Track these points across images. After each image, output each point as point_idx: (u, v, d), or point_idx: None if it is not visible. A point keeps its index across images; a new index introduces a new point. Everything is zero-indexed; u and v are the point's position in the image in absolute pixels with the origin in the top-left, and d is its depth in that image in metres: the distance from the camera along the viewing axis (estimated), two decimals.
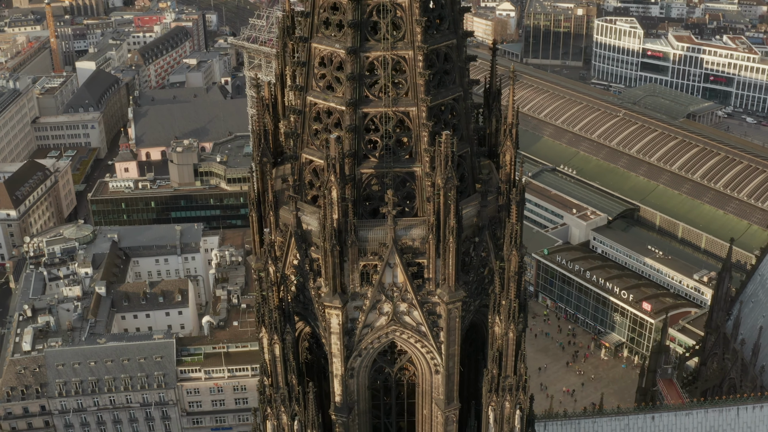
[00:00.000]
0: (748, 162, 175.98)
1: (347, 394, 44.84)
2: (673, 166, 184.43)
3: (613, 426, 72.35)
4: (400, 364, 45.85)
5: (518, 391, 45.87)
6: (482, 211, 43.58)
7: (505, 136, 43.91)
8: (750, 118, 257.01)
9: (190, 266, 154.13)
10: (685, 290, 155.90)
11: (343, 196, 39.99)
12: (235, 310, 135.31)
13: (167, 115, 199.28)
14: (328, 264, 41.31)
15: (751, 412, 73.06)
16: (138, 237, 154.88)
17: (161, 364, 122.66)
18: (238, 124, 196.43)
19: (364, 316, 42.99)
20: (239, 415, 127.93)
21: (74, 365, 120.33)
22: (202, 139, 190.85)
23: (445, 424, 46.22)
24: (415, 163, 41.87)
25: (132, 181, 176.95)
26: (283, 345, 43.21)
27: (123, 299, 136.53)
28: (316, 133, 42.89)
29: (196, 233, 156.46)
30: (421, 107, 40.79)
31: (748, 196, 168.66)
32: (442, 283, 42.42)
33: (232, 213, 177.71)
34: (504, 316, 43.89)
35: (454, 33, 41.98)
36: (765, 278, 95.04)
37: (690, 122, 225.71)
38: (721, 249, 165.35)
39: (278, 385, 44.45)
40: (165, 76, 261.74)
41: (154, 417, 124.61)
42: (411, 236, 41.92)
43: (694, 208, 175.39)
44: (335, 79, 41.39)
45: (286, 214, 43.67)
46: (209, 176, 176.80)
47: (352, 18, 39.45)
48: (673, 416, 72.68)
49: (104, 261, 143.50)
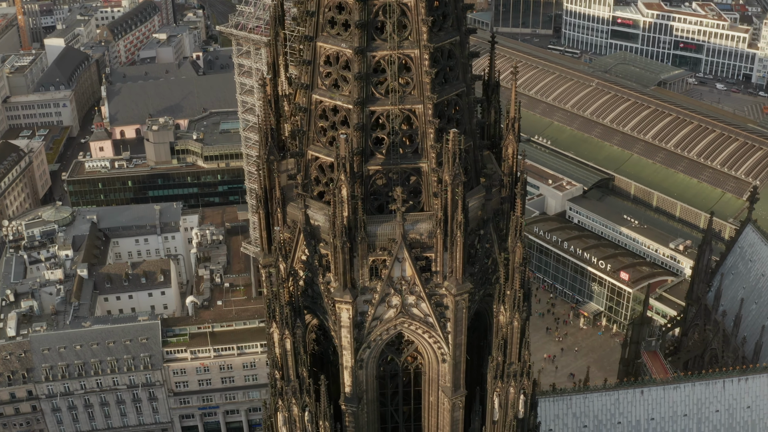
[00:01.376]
0: (721, 130, 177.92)
1: (357, 384, 45.77)
2: (647, 135, 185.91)
3: (604, 401, 74.16)
4: (407, 353, 46.83)
5: (522, 376, 47.07)
6: (487, 205, 44.46)
7: (508, 130, 44.72)
8: (720, 85, 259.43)
9: (170, 245, 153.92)
10: (662, 259, 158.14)
11: (353, 194, 40.59)
12: (218, 290, 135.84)
13: (140, 92, 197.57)
14: (339, 260, 42.02)
15: (736, 384, 75.15)
16: (117, 217, 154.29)
17: (147, 346, 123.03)
18: (213, 100, 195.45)
19: (373, 310, 43.84)
20: (226, 394, 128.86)
21: (60, 349, 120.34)
22: (176, 116, 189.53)
23: (452, 411, 47.36)
24: (422, 159, 42.56)
25: (108, 160, 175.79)
26: (294, 339, 43.95)
27: (105, 281, 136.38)
28: (322, 130, 43.37)
29: (176, 212, 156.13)
30: (427, 104, 41.40)
31: (722, 165, 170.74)
32: (449, 276, 43.29)
33: (210, 191, 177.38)
34: (509, 306, 44.93)
35: (457, 30, 42.54)
36: (744, 250, 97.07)
37: (661, 90, 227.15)
38: (696, 217, 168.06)
39: (289, 378, 45.25)
40: (135, 51, 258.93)
41: (141, 398, 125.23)
42: (418, 231, 42.70)
43: (668, 176, 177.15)
44: (341, 78, 41.84)
45: (293, 211, 44.24)
46: (186, 154, 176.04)
47: (359, 18, 39.85)
48: (661, 390, 74.58)
49: (84, 243, 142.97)
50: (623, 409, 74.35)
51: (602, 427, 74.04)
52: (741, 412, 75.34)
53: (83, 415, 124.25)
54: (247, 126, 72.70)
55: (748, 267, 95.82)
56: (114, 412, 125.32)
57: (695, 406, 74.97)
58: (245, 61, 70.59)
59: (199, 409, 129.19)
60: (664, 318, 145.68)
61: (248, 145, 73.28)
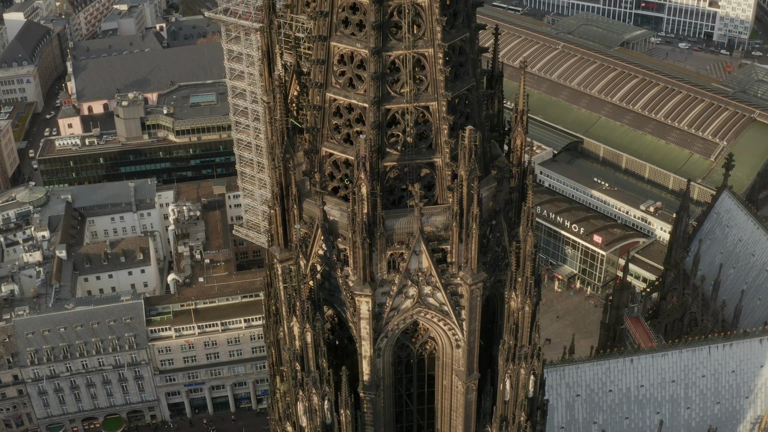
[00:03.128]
0: (687, 92, 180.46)
1: (374, 372, 47.06)
2: (614, 98, 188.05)
3: (595, 370, 76.38)
4: (422, 340, 48.15)
5: (533, 358, 48.73)
6: (498, 196, 45.67)
7: (516, 123, 45.80)
8: (682, 44, 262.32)
9: (146, 222, 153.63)
10: (633, 221, 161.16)
11: (372, 191, 41.51)
12: (199, 266, 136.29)
13: (107, 67, 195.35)
14: (358, 255, 43.05)
15: (721, 350, 77.76)
16: (92, 196, 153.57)
17: (131, 326, 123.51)
18: (180, 73, 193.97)
19: (391, 301, 45.02)
20: (211, 370, 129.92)
21: (44, 332, 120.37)
22: (144, 91, 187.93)
23: (465, 393, 48.90)
24: (436, 154, 43.53)
25: (78, 138, 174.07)
26: (314, 332, 45.00)
27: (84, 261, 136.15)
28: (337, 127, 44.11)
29: (151, 189, 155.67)
30: (441, 101, 42.31)
31: (689, 126, 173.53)
32: (464, 266, 44.53)
33: (183, 165, 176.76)
34: (520, 292, 46.42)
35: (467, 27, 43.36)
36: (721, 216, 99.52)
37: (625, 50, 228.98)
38: (665, 178, 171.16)
39: (309, 370, 46.37)
40: (95, 23, 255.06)
41: (127, 378, 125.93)
42: (433, 223, 43.80)
43: (636, 138, 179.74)
44: (356, 77, 42.53)
45: (310, 207, 45.07)
46: (157, 129, 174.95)
47: (375, 19, 40.48)
48: (650, 358, 76.97)
49: (60, 223, 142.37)
50: (614, 377, 76.68)
51: (594, 396, 76.35)
52: (726, 376, 78.05)
53: (69, 397, 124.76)
54: (237, 111, 72.99)
55: (725, 232, 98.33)
56: (100, 392, 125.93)
57: (682, 372, 77.49)
58: (234, 46, 70.65)
59: (185, 386, 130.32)
60: (637, 279, 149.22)
61: (239, 129, 73.76)
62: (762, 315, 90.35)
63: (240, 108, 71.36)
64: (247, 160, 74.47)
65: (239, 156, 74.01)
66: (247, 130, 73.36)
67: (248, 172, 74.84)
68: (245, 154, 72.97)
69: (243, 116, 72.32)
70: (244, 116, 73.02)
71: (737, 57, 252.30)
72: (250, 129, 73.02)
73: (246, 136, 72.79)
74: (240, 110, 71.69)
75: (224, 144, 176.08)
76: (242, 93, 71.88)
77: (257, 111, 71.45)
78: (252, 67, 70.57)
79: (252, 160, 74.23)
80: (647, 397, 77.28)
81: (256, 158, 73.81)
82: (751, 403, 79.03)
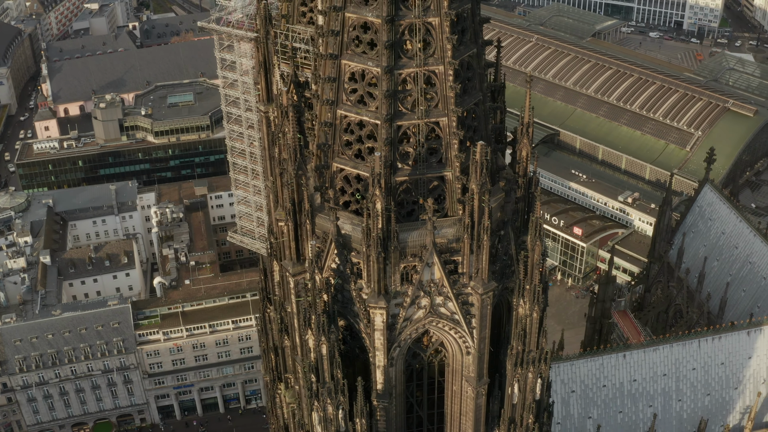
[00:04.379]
0: (661, 82, 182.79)
1: (387, 381, 48.04)
2: (589, 90, 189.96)
3: (589, 366, 77.92)
4: (433, 348, 49.19)
5: (540, 362, 49.96)
6: (506, 207, 46.74)
7: (522, 135, 46.89)
8: (653, 33, 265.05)
9: (128, 225, 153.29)
10: (611, 212, 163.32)
11: (387, 206, 42.41)
12: (184, 269, 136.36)
13: (82, 68, 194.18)
14: (373, 269, 43.94)
15: (710, 343, 79.62)
16: (73, 200, 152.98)
17: (119, 330, 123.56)
18: (156, 73, 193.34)
19: (404, 312, 46.00)
20: (200, 372, 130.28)
21: (32, 340, 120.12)
22: (120, 91, 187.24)
23: (475, 398, 50.05)
24: (446, 168, 44.50)
25: (57, 141, 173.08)
26: (329, 344, 45.86)
27: (69, 266, 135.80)
28: (348, 143, 44.92)
29: (132, 191, 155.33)
30: (451, 117, 43.29)
31: (664, 116, 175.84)
32: (475, 276, 45.59)
33: (162, 166, 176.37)
34: (528, 299, 47.53)
35: (474, 43, 44.34)
36: (703, 209, 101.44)
37: (598, 41, 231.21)
38: (641, 169, 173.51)
39: (324, 380, 47.24)
40: (66, 23, 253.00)
41: (116, 382, 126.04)
42: (444, 235, 44.79)
43: (612, 130, 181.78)
44: (368, 94, 43.33)
45: (322, 222, 45.87)
46: (135, 130, 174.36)
47: (387, 39, 41.29)
48: (642, 353, 78.66)
49: (43, 228, 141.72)
50: (607, 372, 78.27)
51: (588, 391, 77.92)
52: (716, 368, 79.96)
53: (59, 403, 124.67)
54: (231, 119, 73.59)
55: (708, 225, 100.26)
56: (90, 397, 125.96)
57: (674, 366, 79.28)
58: (227, 55, 71.14)
59: (174, 389, 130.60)
60: (617, 269, 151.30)
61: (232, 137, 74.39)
62: (746, 306, 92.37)
63: (233, 116, 71.95)
64: (241, 168, 75.07)
65: (233, 163, 74.56)
66: (241, 138, 73.89)
67: (242, 179, 75.43)
68: (239, 161, 73.57)
69: (237, 124, 72.90)
70: (238, 124, 73.60)
71: (707, 45, 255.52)
72: (244, 137, 73.58)
73: (240, 144, 73.36)
74: (233, 118, 72.28)
75: (203, 144, 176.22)
76: (236, 101, 72.41)
77: (251, 119, 72.06)
78: (246, 76, 71.03)
79: (246, 167, 74.81)
80: (640, 391, 78.97)
81: (250, 165, 74.43)
82: (740, 394, 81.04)
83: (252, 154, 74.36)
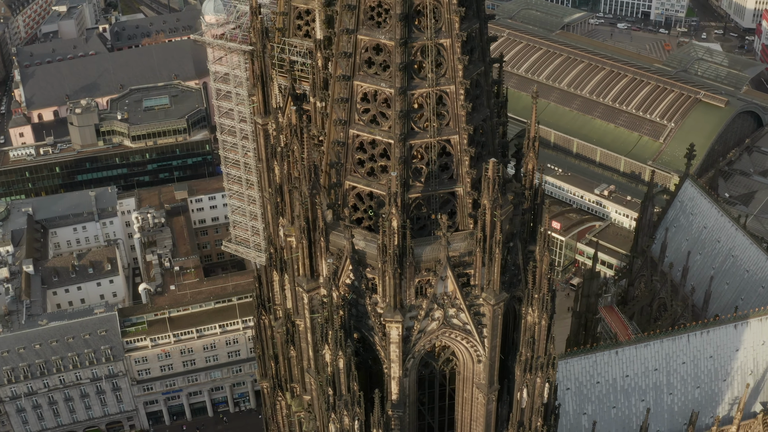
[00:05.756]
0: (633, 75, 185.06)
1: (402, 391, 49.19)
2: (562, 84, 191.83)
3: (583, 364, 79.68)
4: (444, 357, 50.40)
5: (548, 367, 51.38)
6: (514, 219, 47.99)
7: (528, 148, 48.15)
8: (621, 24, 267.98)
9: (109, 231, 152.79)
10: (587, 204, 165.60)
11: (403, 224, 43.46)
12: (169, 274, 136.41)
13: (55, 73, 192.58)
14: (389, 285, 44.99)
15: (699, 337, 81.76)
16: (52, 207, 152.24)
17: (107, 338, 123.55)
18: (129, 76, 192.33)
19: (419, 324, 47.11)
20: (188, 377, 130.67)
21: (19, 350, 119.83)
22: (93, 95, 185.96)
23: (486, 404, 51.36)
24: (457, 184, 45.62)
25: (33, 147, 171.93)
26: (346, 358, 46.88)
27: (52, 275, 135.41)
28: (360, 162, 45.88)
29: (111, 197, 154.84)
30: (462, 135, 44.40)
31: (636, 109, 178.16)
32: (486, 287, 46.82)
33: (140, 170, 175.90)
34: (537, 308, 48.88)
35: (482, 61, 45.45)
36: (685, 204, 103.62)
37: (567, 34, 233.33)
38: (616, 161, 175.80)
39: (341, 393, 48.29)
40: (34, 26, 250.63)
41: (105, 390, 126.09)
42: (456, 249, 45.92)
43: (585, 123, 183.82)
44: (380, 114, 44.30)
45: (335, 239, 46.81)
46: (112, 135, 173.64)
47: (401, 61, 42.27)
48: (633, 349, 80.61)
49: (24, 237, 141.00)
50: (601, 369, 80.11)
51: (583, 388, 79.69)
52: (705, 361, 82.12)
53: (48, 412, 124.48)
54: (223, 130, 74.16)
55: (689, 220, 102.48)
56: (79, 406, 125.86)
57: (664, 361, 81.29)
58: (220, 67, 71.68)
59: (162, 394, 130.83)
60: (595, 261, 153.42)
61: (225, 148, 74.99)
62: (730, 299, 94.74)
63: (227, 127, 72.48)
64: (235, 178, 75.69)
65: (227, 174, 75.18)
66: (235, 149, 74.47)
67: (236, 188, 76.06)
68: (233, 171, 74.20)
69: (230, 135, 73.44)
70: (232, 135, 74.19)
71: (674, 35, 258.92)
72: (237, 147, 74.18)
73: (234, 155, 73.96)
74: (227, 129, 72.82)
75: (180, 147, 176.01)
76: (229, 112, 72.98)
77: (245, 130, 72.70)
78: (240, 87, 71.62)
79: (240, 177, 75.45)
80: (632, 386, 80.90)
81: (245, 175, 75.05)
82: (728, 386, 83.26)
83: (246, 164, 74.94)
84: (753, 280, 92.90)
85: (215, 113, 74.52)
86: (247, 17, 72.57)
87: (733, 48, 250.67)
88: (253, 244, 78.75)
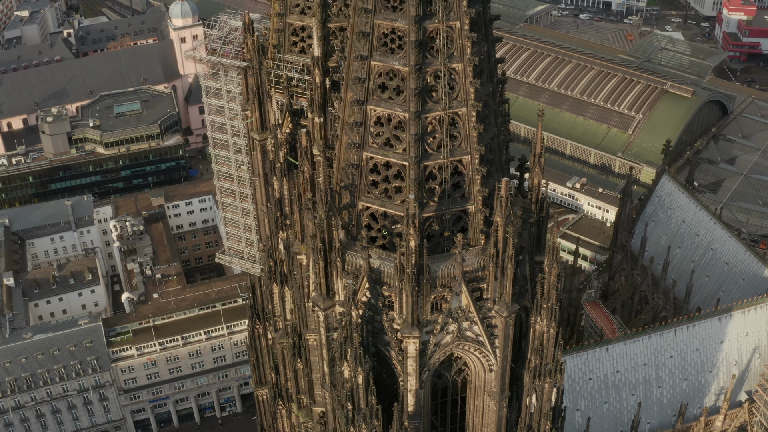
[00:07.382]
0: (600, 68, 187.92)
1: (418, 403, 50.64)
2: (530, 78, 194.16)
3: (575, 361, 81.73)
4: (457, 367, 51.92)
5: (556, 373, 53.13)
6: (523, 233, 49.56)
7: (534, 164, 49.72)
8: (584, 15, 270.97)
9: (86, 240, 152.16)
10: (560, 197, 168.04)
11: (420, 244, 44.81)
12: (151, 282, 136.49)
13: (23, 80, 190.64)
14: (406, 303, 46.37)
15: (685, 331, 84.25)
16: (29, 218, 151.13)
17: (92, 349, 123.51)
18: (98, 82, 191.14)
19: (435, 339, 48.57)
20: (174, 384, 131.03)
21: (5, 365, 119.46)
22: (63, 102, 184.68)
23: (497, 411, 53.01)
24: (469, 202, 47.06)
25: (5, 157, 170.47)
26: (365, 374, 48.22)
27: (33, 287, 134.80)
28: (374, 183, 47.11)
29: (88, 205, 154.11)
30: (474, 155, 45.81)
31: (604, 101, 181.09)
32: (498, 300, 48.39)
33: (113, 177, 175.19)
34: (545, 317, 50.54)
35: (490, 82, 46.91)
36: (663, 199, 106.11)
37: (531, 26, 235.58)
38: (586, 154, 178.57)
39: (360, 407, 49.62)
40: None
41: (92, 401, 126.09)
42: (469, 264, 47.37)
43: (554, 116, 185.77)
44: (394, 137, 45.54)
45: (352, 259, 48.03)
46: (84, 143, 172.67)
47: (416, 86, 43.54)
48: (623, 345, 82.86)
49: (2, 249, 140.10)
50: (592, 366, 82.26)
51: (575, 385, 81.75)
52: (691, 354, 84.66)
53: (36, 425, 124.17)
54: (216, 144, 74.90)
55: (668, 214, 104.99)
56: (66, 417, 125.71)
57: (653, 355, 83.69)
58: (212, 83, 72.32)
59: (149, 402, 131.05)
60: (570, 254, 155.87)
61: (218, 161, 75.81)
62: (711, 291, 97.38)
63: (220, 141, 73.20)
64: (229, 191, 76.55)
65: (219, 187, 75.94)
66: (228, 162, 75.34)
67: (229, 201, 76.98)
68: (226, 184, 75.01)
69: (223, 149, 74.27)
70: (225, 149, 75.01)
71: (636, 25, 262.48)
72: (231, 161, 75.03)
73: (227, 168, 74.85)
74: (220, 144, 73.57)
75: (154, 153, 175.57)
76: (222, 126, 73.75)
77: (238, 144, 73.57)
78: (233, 102, 72.40)
79: (234, 190, 76.37)
80: (623, 381, 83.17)
81: (238, 189, 75.93)
82: (714, 377, 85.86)
83: (240, 177, 75.80)
84: (733, 272, 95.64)
85: (208, 128, 75.35)
86: (238, 32, 73.24)
87: (694, 36, 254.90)
88: (247, 256, 79.65)
